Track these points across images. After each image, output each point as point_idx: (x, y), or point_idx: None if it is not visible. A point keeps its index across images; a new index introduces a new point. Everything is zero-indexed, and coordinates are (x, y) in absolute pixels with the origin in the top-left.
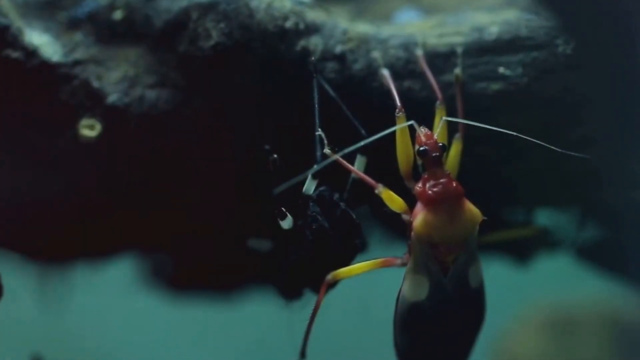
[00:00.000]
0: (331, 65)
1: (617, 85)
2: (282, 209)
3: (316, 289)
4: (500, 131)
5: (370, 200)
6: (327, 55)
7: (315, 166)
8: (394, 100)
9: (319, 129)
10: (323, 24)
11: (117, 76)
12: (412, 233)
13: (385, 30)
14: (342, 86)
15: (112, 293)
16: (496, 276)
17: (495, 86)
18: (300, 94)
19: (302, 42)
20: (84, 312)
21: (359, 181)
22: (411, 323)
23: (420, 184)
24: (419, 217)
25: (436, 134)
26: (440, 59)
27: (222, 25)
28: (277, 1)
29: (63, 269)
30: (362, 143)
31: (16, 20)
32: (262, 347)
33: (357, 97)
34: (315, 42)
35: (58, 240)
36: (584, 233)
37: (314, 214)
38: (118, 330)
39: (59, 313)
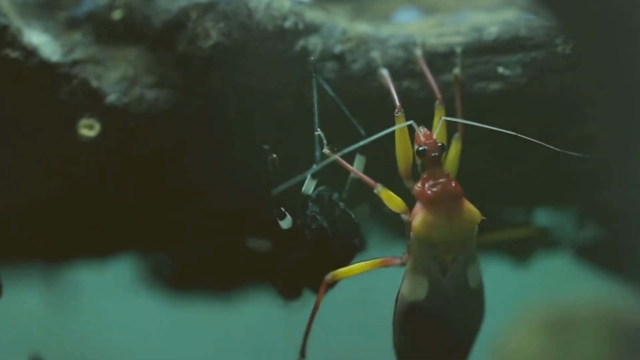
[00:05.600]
0: (330, 65)
1: (617, 85)
2: (282, 208)
3: (315, 289)
4: (500, 131)
5: (369, 200)
6: (326, 55)
7: (314, 166)
8: (393, 100)
9: (318, 129)
10: (322, 23)
11: (116, 76)
12: (411, 233)
13: (385, 30)
14: (342, 86)
15: (112, 293)
16: (495, 276)
17: (495, 86)
18: (299, 93)
19: (301, 42)
20: (83, 312)
21: (358, 181)
22: (410, 323)
23: (419, 184)
24: (418, 217)
25: (435, 134)
26: (440, 59)
27: (221, 25)
28: (276, 1)
29: (63, 269)
30: (361, 143)
31: (15, 20)
32: (261, 347)
33: (357, 97)
34: (314, 42)
35: (58, 240)
36: (583, 233)
37: (313, 213)
38: (118, 330)
39: (58, 313)
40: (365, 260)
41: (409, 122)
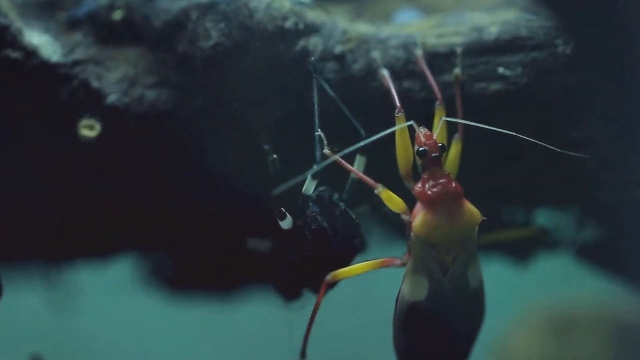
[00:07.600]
0: (331, 66)
1: (617, 85)
2: (282, 209)
3: (316, 289)
4: (500, 131)
5: (369, 200)
6: (327, 56)
7: (315, 166)
8: (393, 100)
9: (319, 129)
10: (322, 24)
11: (116, 76)
12: (412, 233)
13: (385, 31)
14: (342, 86)
15: (112, 293)
16: (496, 276)
17: (495, 86)
18: (299, 94)
19: (301, 42)
20: (83, 312)
21: (359, 181)
22: (410, 323)
23: (419, 184)
24: (418, 217)
25: (435, 134)
26: (440, 59)
27: (221, 25)
28: (276, 1)
29: (63, 269)
30: (361, 143)
31: (16, 20)
32: (262, 347)
33: (357, 97)
34: (314, 42)
35: (58, 240)
36: (583, 233)
37: (314, 214)
38: (118, 330)
39: (58, 313)
40: (365, 260)
41: (409, 123)
